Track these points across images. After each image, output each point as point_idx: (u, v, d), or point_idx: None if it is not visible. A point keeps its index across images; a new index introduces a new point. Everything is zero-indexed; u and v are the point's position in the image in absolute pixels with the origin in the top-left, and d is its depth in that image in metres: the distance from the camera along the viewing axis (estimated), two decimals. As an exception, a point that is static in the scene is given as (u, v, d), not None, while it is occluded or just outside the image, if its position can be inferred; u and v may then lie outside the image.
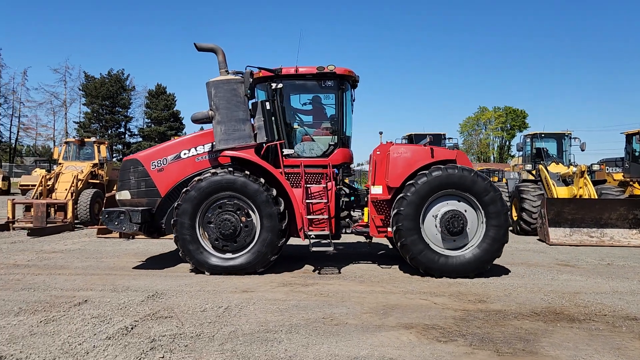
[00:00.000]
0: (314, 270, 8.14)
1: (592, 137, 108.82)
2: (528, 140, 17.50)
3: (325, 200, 8.05)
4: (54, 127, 66.22)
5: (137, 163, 8.41)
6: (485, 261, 7.59)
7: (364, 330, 4.99)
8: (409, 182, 7.63)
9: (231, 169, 7.83)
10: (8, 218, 13.79)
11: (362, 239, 8.77)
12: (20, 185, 27.65)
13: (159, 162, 8.33)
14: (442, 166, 7.63)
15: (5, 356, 4.12)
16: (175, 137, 11.16)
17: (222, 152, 8.06)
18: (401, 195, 7.62)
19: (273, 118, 8.29)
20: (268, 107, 8.11)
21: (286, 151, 8.30)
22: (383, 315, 5.54)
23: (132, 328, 4.94)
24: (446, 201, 7.68)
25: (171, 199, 8.19)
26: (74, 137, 30.08)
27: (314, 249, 7.91)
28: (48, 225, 13.44)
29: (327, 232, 7.99)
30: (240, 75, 8.18)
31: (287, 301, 6.11)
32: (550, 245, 11.64)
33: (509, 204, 15.33)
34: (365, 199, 8.44)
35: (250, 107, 8.18)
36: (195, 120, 8.37)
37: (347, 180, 9.19)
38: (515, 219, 14.43)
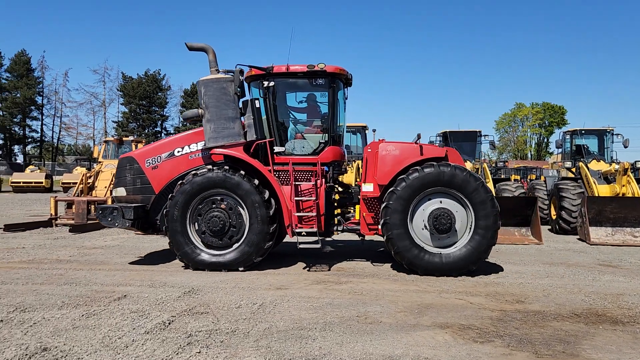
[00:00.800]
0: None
1: (637, 133, 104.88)
2: (567, 137, 17.01)
3: (314, 198, 8.04)
4: (93, 126, 68.37)
5: (132, 161, 8.56)
6: (470, 262, 7.51)
7: (399, 329, 4.95)
8: (400, 177, 7.61)
9: (227, 167, 7.91)
10: (51, 215, 14.25)
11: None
12: (62, 183, 28.61)
13: (153, 159, 8.46)
14: (435, 163, 7.56)
15: (50, 348, 4.27)
16: None
17: (211, 149, 8.14)
18: (391, 189, 7.60)
19: (265, 116, 8.35)
20: (257, 105, 8.15)
21: (277, 149, 8.31)
22: (418, 315, 5.48)
23: (169, 323, 5.04)
24: (437, 199, 7.63)
25: (165, 196, 8.25)
26: (112, 136, 30.85)
27: (302, 246, 7.96)
28: (89, 222, 13.82)
29: (315, 230, 7.99)
30: (231, 74, 8.16)
31: (321, 299, 6.12)
32: (591, 245, 11.29)
33: (547, 202, 14.96)
34: (359, 197, 8.42)
35: (241, 105, 8.21)
36: (186, 119, 8.48)
37: (342, 178, 9.19)
38: (554, 217, 14.07)
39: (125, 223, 8.05)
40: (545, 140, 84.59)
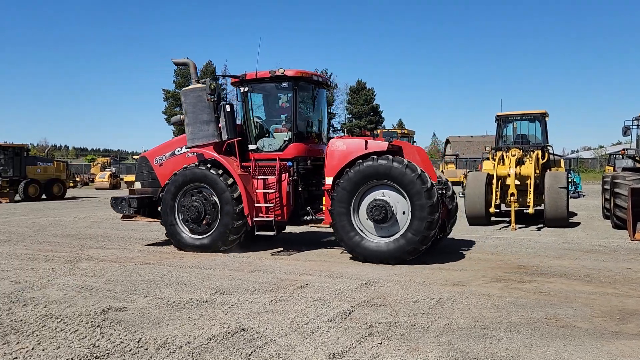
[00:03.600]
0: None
1: None
2: None
3: (274, 190, 8.82)
4: (267, 126, 73.89)
5: (146, 159, 10.03)
6: (390, 256, 7.68)
7: (598, 336, 4.45)
8: (348, 168, 8.03)
9: (197, 163, 9.17)
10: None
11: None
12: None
13: (160, 158, 9.84)
14: (375, 157, 7.83)
15: (247, 328, 4.71)
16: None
17: (190, 149, 9.37)
18: (340, 178, 8.07)
19: (243, 118, 9.37)
20: (228, 109, 9.04)
21: (251, 147, 9.23)
22: (620, 321, 4.87)
23: (349, 313, 5.21)
24: (382, 190, 7.92)
25: None
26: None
27: (258, 232, 8.85)
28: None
29: (271, 219, 8.79)
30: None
31: (502, 297, 5.79)
32: None
33: None
34: None
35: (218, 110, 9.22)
36: (173, 123, 10.06)
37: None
38: None
39: (130, 210, 9.69)
40: None
